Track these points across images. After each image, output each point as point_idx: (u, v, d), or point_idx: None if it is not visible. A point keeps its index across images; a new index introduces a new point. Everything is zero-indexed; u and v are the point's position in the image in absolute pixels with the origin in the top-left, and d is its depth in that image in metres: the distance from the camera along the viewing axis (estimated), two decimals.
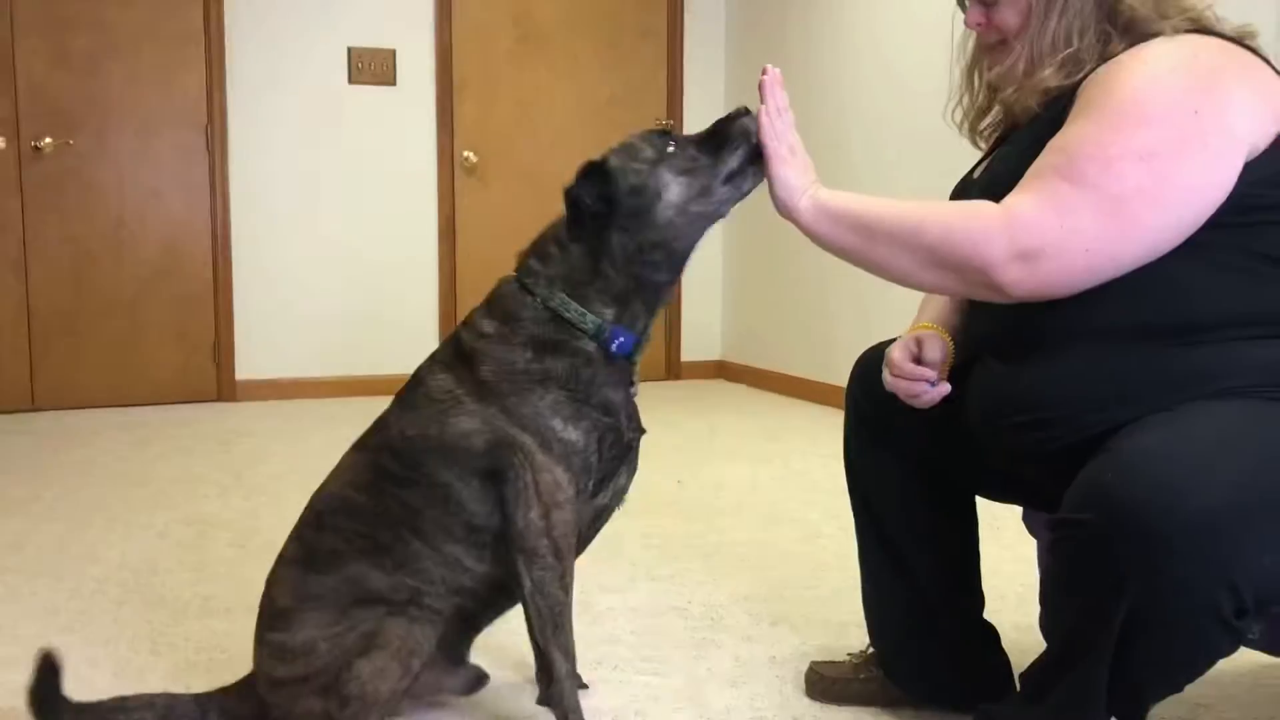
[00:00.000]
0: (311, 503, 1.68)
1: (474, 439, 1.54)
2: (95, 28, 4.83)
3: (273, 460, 3.84)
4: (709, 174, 1.56)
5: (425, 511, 1.56)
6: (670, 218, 1.55)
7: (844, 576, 2.53)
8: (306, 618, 1.57)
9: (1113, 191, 1.30)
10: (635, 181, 1.55)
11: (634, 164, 1.56)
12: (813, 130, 5.38)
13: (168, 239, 5.05)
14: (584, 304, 1.57)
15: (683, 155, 1.56)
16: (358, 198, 5.30)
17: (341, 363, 5.19)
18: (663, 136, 1.59)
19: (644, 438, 1.72)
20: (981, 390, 1.51)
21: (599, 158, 1.59)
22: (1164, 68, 1.34)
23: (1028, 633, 2.14)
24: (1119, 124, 1.32)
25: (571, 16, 5.61)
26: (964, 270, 1.37)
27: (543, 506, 1.53)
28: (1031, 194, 1.35)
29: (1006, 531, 2.68)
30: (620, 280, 1.57)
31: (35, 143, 4.77)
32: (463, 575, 1.59)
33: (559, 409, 1.54)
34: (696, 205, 1.56)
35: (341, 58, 5.21)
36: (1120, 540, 1.18)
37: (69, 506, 3.19)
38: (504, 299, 1.61)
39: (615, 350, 1.58)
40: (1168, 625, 1.20)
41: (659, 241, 1.55)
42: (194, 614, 2.30)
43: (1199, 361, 1.32)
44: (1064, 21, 1.44)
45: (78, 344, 4.93)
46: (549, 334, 1.57)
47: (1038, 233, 1.32)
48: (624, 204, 1.54)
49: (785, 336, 5.42)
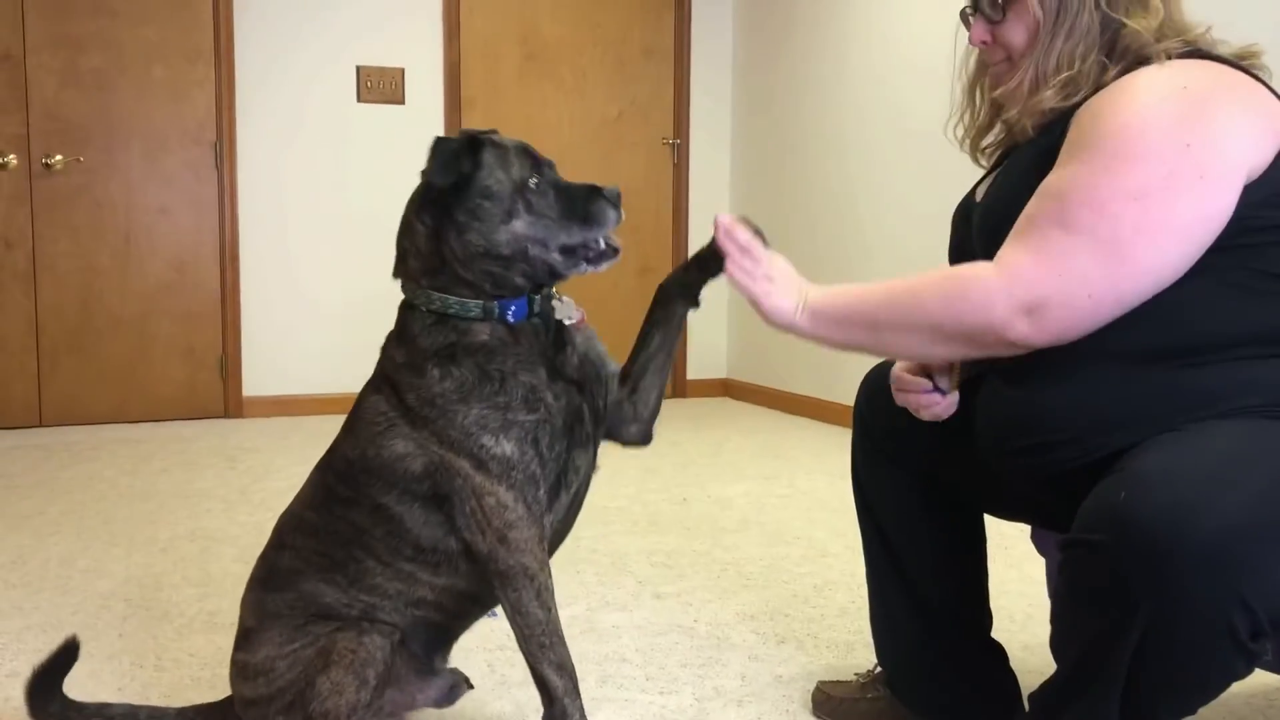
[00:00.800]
0: (277, 522, 1.68)
1: (410, 462, 1.51)
2: (106, 46, 4.86)
3: (278, 476, 3.84)
4: (553, 232, 1.53)
5: (373, 530, 1.54)
6: (509, 243, 1.52)
7: (850, 595, 2.52)
8: (267, 636, 1.57)
9: (1108, 235, 1.29)
10: (493, 187, 1.52)
11: (500, 171, 1.53)
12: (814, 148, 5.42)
13: (176, 256, 5.06)
14: (454, 293, 1.54)
15: (543, 197, 1.53)
16: (365, 216, 5.31)
17: (348, 380, 5.12)
18: (538, 163, 1.56)
19: (650, 455, 1.68)
20: (988, 412, 1.50)
21: (474, 134, 1.55)
22: (1154, 99, 1.33)
23: (1036, 652, 2.12)
24: (1110, 164, 1.31)
25: (578, 35, 5.64)
26: (974, 337, 1.37)
27: (496, 531, 1.50)
28: (1026, 246, 1.34)
29: (1014, 550, 2.66)
30: (467, 273, 1.53)
31: (45, 159, 4.79)
32: (420, 589, 1.57)
33: (485, 423, 1.49)
34: (536, 250, 1.53)
35: (350, 76, 5.23)
36: (1132, 560, 1.17)
37: (74, 522, 3.19)
38: (401, 324, 1.60)
39: (512, 320, 1.54)
40: (1181, 646, 1.18)
41: (500, 257, 1.52)
42: (199, 629, 2.29)
43: (1207, 382, 1.31)
44: (1069, 44, 1.43)
45: (85, 360, 4.94)
46: (442, 340, 1.53)
47: (1038, 285, 1.31)
48: (470, 199, 1.51)
49: (791, 355, 5.41)
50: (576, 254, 1.56)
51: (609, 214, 1.54)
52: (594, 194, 1.55)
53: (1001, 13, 1.49)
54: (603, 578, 2.67)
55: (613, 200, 1.55)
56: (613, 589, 2.58)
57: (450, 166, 1.51)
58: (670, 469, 3.94)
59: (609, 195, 1.55)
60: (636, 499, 3.49)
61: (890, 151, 4.67)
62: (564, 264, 1.56)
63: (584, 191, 1.55)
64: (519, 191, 1.53)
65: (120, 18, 4.86)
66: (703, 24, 5.88)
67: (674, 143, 5.86)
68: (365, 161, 5.28)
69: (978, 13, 1.54)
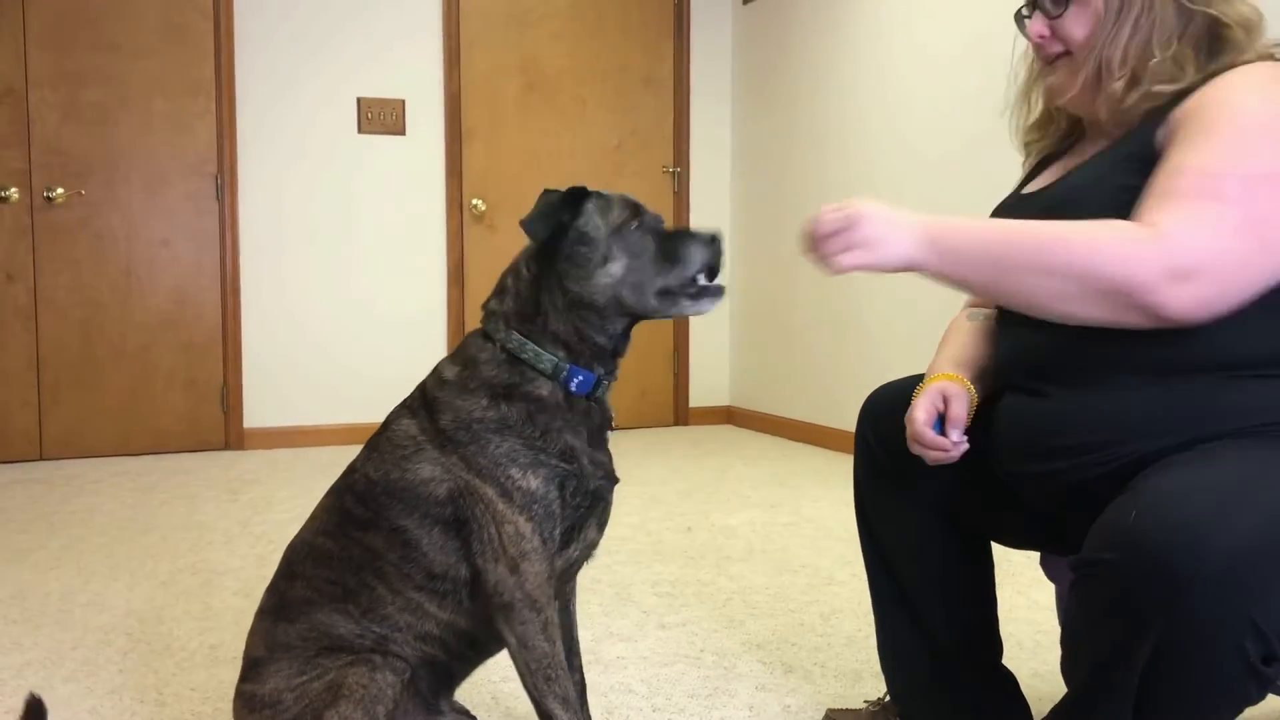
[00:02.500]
0: (286, 551, 1.67)
1: (435, 486, 1.52)
2: (107, 80, 4.88)
3: (280, 508, 3.82)
4: (647, 274, 1.54)
5: (386, 555, 1.54)
6: (606, 288, 1.53)
7: (857, 624, 2.50)
8: (276, 668, 1.55)
9: (1255, 212, 1.26)
10: (591, 233, 1.54)
11: (599, 218, 1.55)
12: (814, 176, 5.43)
13: (177, 288, 5.06)
14: (537, 343, 1.55)
15: (640, 239, 1.55)
16: (367, 246, 5.32)
17: (350, 411, 5.18)
18: (639, 210, 1.57)
19: (654, 482, 1.69)
20: (1014, 418, 1.49)
21: (582, 188, 1.57)
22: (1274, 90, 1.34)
23: (1047, 680, 2.11)
24: (1247, 144, 1.30)
25: (578, 65, 5.67)
26: (1113, 294, 1.27)
27: (509, 560, 1.50)
28: (1176, 212, 1.27)
29: (1021, 577, 2.65)
30: (560, 324, 1.55)
31: (47, 193, 4.80)
32: (427, 622, 1.56)
33: (516, 457, 1.51)
34: (628, 293, 1.54)
35: (351, 108, 5.25)
36: (1143, 581, 1.16)
37: (75, 556, 3.17)
38: (466, 345, 1.61)
39: (574, 390, 1.56)
40: (1192, 670, 1.17)
41: (591, 304, 1.54)
42: (201, 663, 2.27)
43: (1237, 396, 1.30)
44: (1139, 35, 1.43)
45: (86, 393, 4.93)
46: (504, 378, 1.54)
47: (1192, 251, 1.24)
48: (569, 245, 1.53)
49: (794, 382, 5.41)
50: (675, 294, 1.55)
51: (696, 253, 1.54)
52: (686, 235, 1.56)
53: (1062, 7, 1.49)
54: (607, 608, 2.65)
55: (704, 240, 1.55)
56: (617, 619, 2.56)
57: (547, 218, 1.52)
58: (673, 497, 3.92)
59: (701, 235, 1.55)
60: (640, 528, 3.47)
61: (892, 179, 4.68)
62: (661, 305, 1.55)
63: (681, 234, 1.56)
64: (615, 236, 1.54)
65: (122, 52, 4.89)
66: (702, 53, 5.91)
67: (674, 171, 5.88)
68: (366, 192, 5.30)
69: (1036, 9, 1.53)
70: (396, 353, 5.28)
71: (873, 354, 4.76)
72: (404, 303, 5.39)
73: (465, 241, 5.47)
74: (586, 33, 5.68)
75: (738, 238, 5.93)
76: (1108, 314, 1.29)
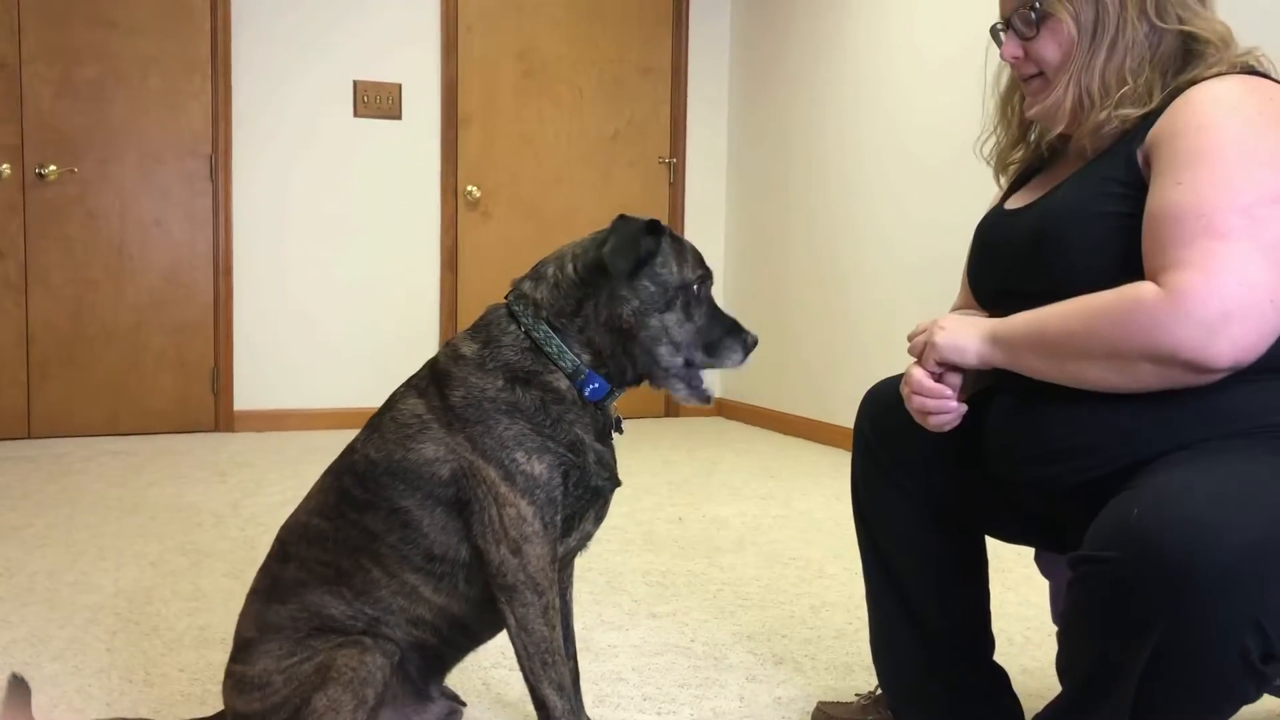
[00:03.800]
0: (279, 532, 1.66)
1: (439, 466, 1.52)
2: (102, 57, 4.85)
3: (270, 491, 3.81)
4: (690, 342, 1.58)
5: (384, 537, 1.53)
6: (653, 335, 1.56)
7: (848, 617, 2.50)
8: (265, 648, 1.55)
9: (1266, 239, 1.24)
10: (665, 277, 1.56)
11: (675, 264, 1.58)
12: (811, 167, 5.42)
13: (169, 268, 5.04)
14: (565, 341, 1.56)
15: (699, 307, 1.59)
16: (360, 230, 5.30)
17: (342, 395, 5.16)
18: (706, 274, 1.61)
19: (644, 473, 1.69)
20: (1004, 424, 1.49)
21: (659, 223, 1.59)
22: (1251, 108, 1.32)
23: (1036, 676, 2.11)
24: (1236, 173, 1.28)
25: (576, 53, 5.65)
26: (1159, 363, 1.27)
27: (511, 542, 1.50)
28: (1183, 264, 1.26)
29: (1012, 573, 2.65)
30: (596, 332, 1.57)
31: (39, 170, 4.77)
32: (420, 606, 1.56)
33: (523, 441, 1.51)
34: (665, 349, 1.57)
35: (347, 90, 5.23)
36: (1144, 579, 1.16)
37: (62, 535, 3.15)
38: (489, 324, 1.60)
39: (588, 395, 1.57)
40: (1192, 668, 1.17)
41: (635, 338, 1.56)
42: (189, 644, 2.26)
43: (1231, 399, 1.30)
44: (1114, 60, 1.42)
45: (76, 372, 4.91)
46: (525, 364, 1.55)
47: (1218, 298, 1.22)
48: (639, 280, 1.55)
49: (784, 375, 5.41)
50: (686, 376, 1.60)
51: (737, 356, 1.60)
52: (736, 330, 1.61)
53: (1035, 29, 1.48)
54: (598, 596, 2.64)
55: (747, 345, 1.61)
56: (608, 608, 2.56)
57: (629, 253, 1.54)
58: (664, 488, 3.91)
59: (748, 340, 1.62)
60: (631, 517, 3.46)
61: (888, 170, 4.68)
62: (670, 375, 1.60)
63: (729, 323, 1.62)
64: (682, 289, 1.57)
65: (118, 29, 4.86)
66: (700, 43, 5.90)
67: (670, 161, 5.86)
68: (361, 176, 5.28)
69: (1009, 28, 1.52)
70: (389, 337, 5.27)
71: (864, 349, 4.76)
72: (397, 287, 5.37)
73: (459, 227, 5.45)
74: (585, 21, 5.66)
75: (732, 230, 5.93)
76: (1164, 381, 1.29)
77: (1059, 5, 1.44)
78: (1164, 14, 1.42)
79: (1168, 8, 1.42)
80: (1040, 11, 1.46)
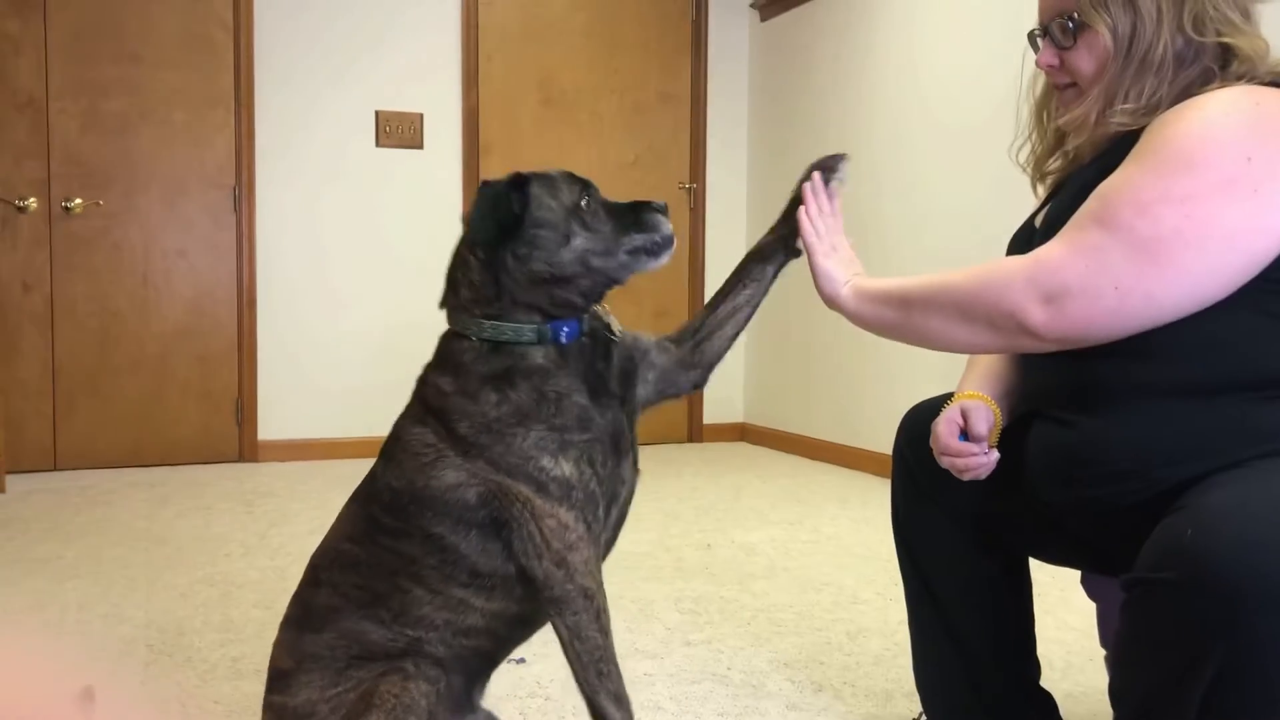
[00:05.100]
0: (310, 560, 1.64)
1: (463, 491, 1.49)
2: (128, 91, 4.89)
3: (297, 520, 3.80)
4: (613, 241, 1.56)
5: (424, 560, 1.51)
6: (573, 261, 1.54)
7: (885, 642, 2.47)
8: (306, 679, 1.53)
9: (1146, 234, 1.27)
10: (547, 216, 1.54)
11: (550, 200, 1.55)
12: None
13: (193, 299, 5.06)
14: (510, 320, 1.54)
15: (594, 214, 1.57)
16: (383, 259, 5.32)
17: (365, 424, 5.15)
18: (582, 185, 1.59)
19: (670, 499, 1.67)
20: (1044, 447, 1.47)
21: (521, 174, 1.57)
22: (1219, 112, 1.31)
23: (1081, 701, 2.08)
24: (1163, 170, 1.29)
25: (595, 80, 5.67)
26: (993, 320, 1.38)
27: (555, 554, 1.47)
28: (1062, 240, 1.35)
29: (1049, 597, 2.62)
30: (528, 294, 1.54)
31: (65, 203, 4.80)
32: (470, 615, 1.53)
33: (544, 445, 1.48)
34: (598, 260, 1.56)
35: (369, 121, 5.26)
36: (1203, 599, 1.14)
37: (91, 566, 3.15)
38: (447, 353, 1.59)
39: (565, 340, 1.54)
40: (1253, 689, 1.15)
41: (563, 278, 1.54)
42: (223, 675, 2.25)
43: (1275, 416, 1.28)
44: (1143, 78, 1.41)
45: (101, 403, 4.92)
46: (499, 365, 1.52)
47: (1061, 274, 1.32)
48: (526, 231, 1.53)
49: (809, 399, 5.38)
50: (639, 254, 1.59)
51: (662, 221, 1.59)
52: (642, 207, 1.61)
53: (1072, 39, 1.47)
54: (631, 625, 2.62)
55: (661, 210, 1.61)
56: (642, 636, 2.54)
57: (492, 218, 1.53)
58: (691, 514, 3.89)
59: (657, 206, 1.61)
60: (660, 544, 3.44)
61: (909, 197, 4.67)
62: (629, 263, 1.58)
63: (633, 205, 1.61)
64: (572, 214, 1.55)
65: (143, 63, 4.90)
66: (719, 69, 5.91)
67: (690, 187, 5.87)
68: (383, 206, 5.30)
69: (1046, 35, 1.51)
70: (412, 366, 5.19)
71: (890, 373, 4.74)
72: (419, 315, 5.35)
73: None
74: (604, 49, 5.69)
75: None
76: (993, 339, 1.42)
77: (1097, 17, 1.43)
78: (1202, 28, 1.40)
79: (1206, 22, 1.40)
80: (1078, 22, 1.45)
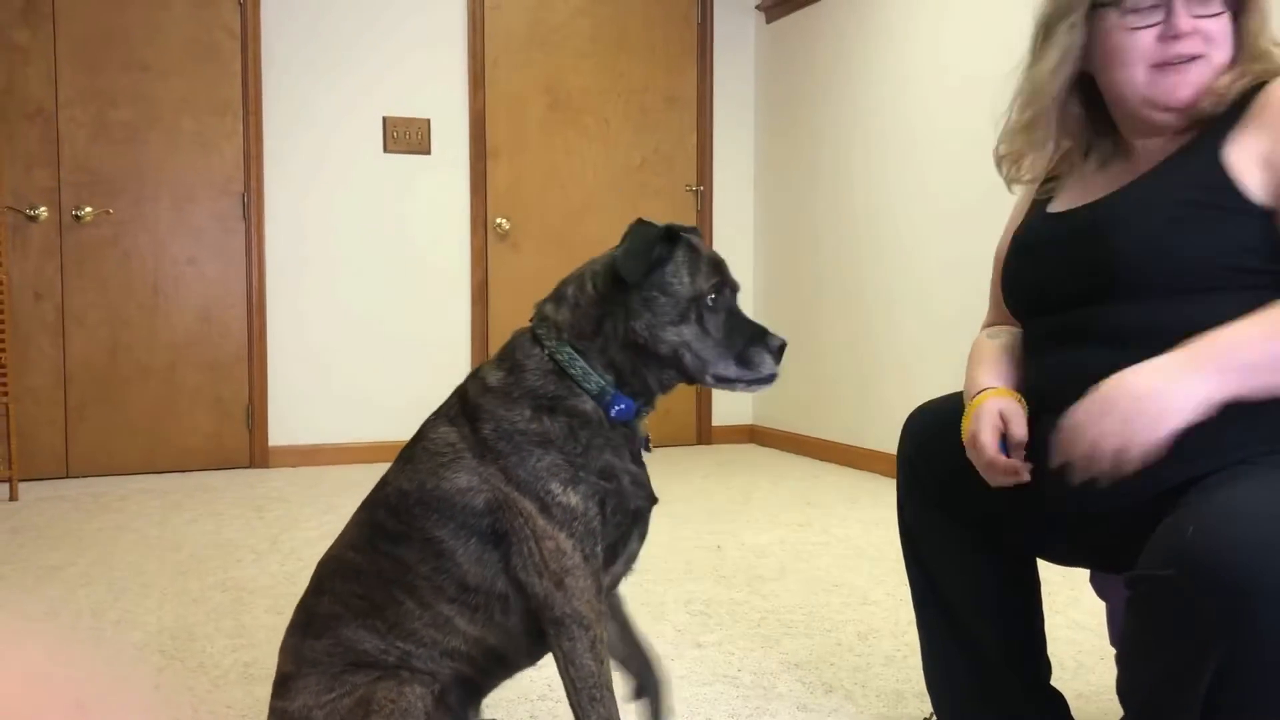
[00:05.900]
0: (316, 567, 1.66)
1: (472, 496, 1.50)
2: (136, 100, 4.92)
3: (307, 526, 3.81)
4: (713, 353, 1.53)
5: (417, 568, 1.52)
6: (670, 345, 1.53)
7: (895, 643, 2.47)
8: (303, 684, 1.54)
9: None
10: (674, 286, 1.53)
11: (686, 274, 1.53)
12: (837, 195, 5.41)
13: (203, 306, 5.08)
14: (588, 362, 1.54)
15: (715, 316, 1.54)
16: (391, 265, 5.34)
17: (375, 429, 5.18)
18: (720, 280, 1.55)
19: (680, 501, 1.67)
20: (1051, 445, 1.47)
21: (674, 229, 1.55)
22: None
23: (1092, 701, 2.08)
24: None
25: (602, 84, 5.68)
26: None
27: (553, 575, 1.48)
28: None
29: (1059, 596, 2.62)
30: (616, 351, 1.54)
31: (75, 212, 4.83)
32: (454, 638, 1.54)
33: (557, 471, 1.49)
34: (690, 360, 1.54)
35: (377, 127, 5.28)
36: (1204, 597, 1.14)
37: (104, 573, 3.17)
38: (513, 348, 1.59)
39: (614, 416, 1.54)
40: (1258, 687, 1.15)
41: (652, 352, 1.53)
42: (235, 681, 2.26)
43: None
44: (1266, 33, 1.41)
45: (113, 411, 4.95)
46: (550, 389, 1.52)
47: None
48: (648, 290, 1.52)
49: (818, 401, 5.39)
50: (731, 381, 1.56)
51: (766, 365, 1.54)
52: (760, 336, 1.55)
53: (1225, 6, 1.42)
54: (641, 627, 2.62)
55: (774, 351, 1.55)
56: (652, 638, 2.52)
57: (642, 257, 1.51)
58: (700, 516, 3.90)
59: (772, 345, 1.55)
60: (669, 546, 3.45)
61: (914, 199, 4.67)
62: (713, 383, 1.56)
63: (752, 330, 1.55)
64: (696, 301, 1.53)
65: (151, 72, 4.93)
66: (725, 72, 5.92)
67: (697, 190, 5.88)
68: (392, 211, 5.31)
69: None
70: (421, 371, 5.29)
71: (896, 373, 4.73)
72: (428, 321, 5.40)
73: (489, 260, 5.48)
74: (610, 53, 5.70)
75: (760, 256, 5.92)
76: None
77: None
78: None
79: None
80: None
